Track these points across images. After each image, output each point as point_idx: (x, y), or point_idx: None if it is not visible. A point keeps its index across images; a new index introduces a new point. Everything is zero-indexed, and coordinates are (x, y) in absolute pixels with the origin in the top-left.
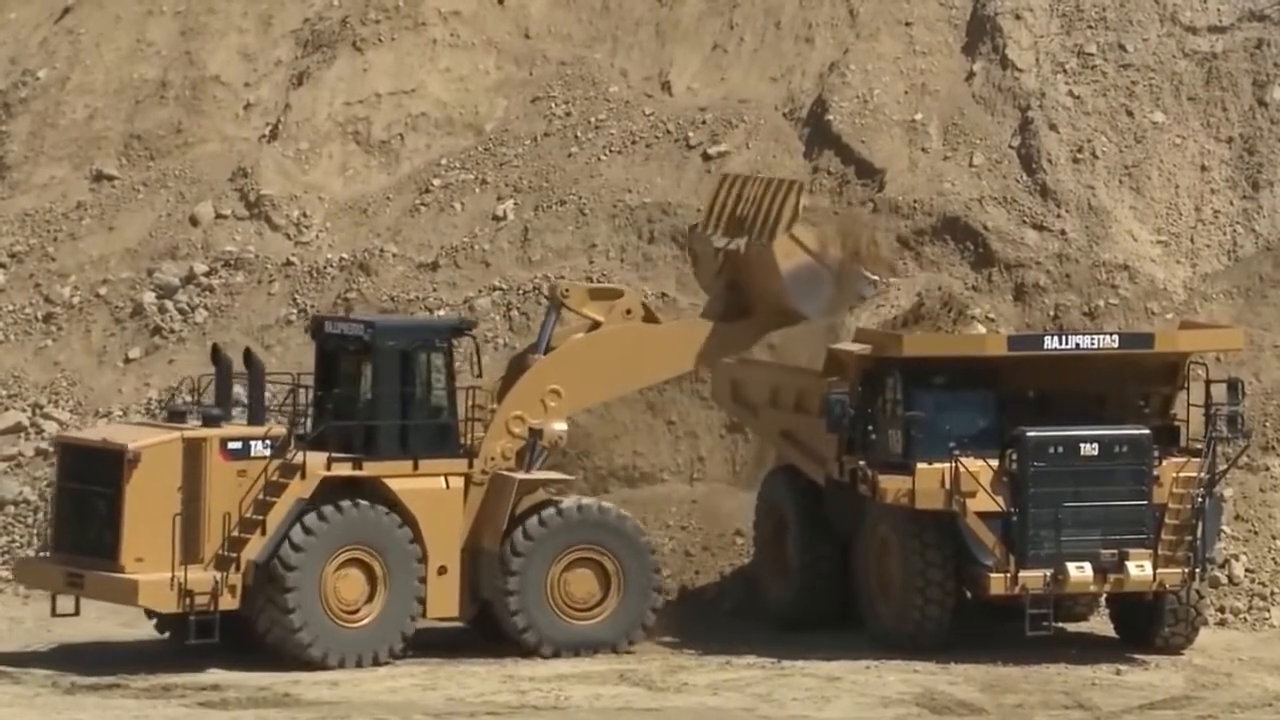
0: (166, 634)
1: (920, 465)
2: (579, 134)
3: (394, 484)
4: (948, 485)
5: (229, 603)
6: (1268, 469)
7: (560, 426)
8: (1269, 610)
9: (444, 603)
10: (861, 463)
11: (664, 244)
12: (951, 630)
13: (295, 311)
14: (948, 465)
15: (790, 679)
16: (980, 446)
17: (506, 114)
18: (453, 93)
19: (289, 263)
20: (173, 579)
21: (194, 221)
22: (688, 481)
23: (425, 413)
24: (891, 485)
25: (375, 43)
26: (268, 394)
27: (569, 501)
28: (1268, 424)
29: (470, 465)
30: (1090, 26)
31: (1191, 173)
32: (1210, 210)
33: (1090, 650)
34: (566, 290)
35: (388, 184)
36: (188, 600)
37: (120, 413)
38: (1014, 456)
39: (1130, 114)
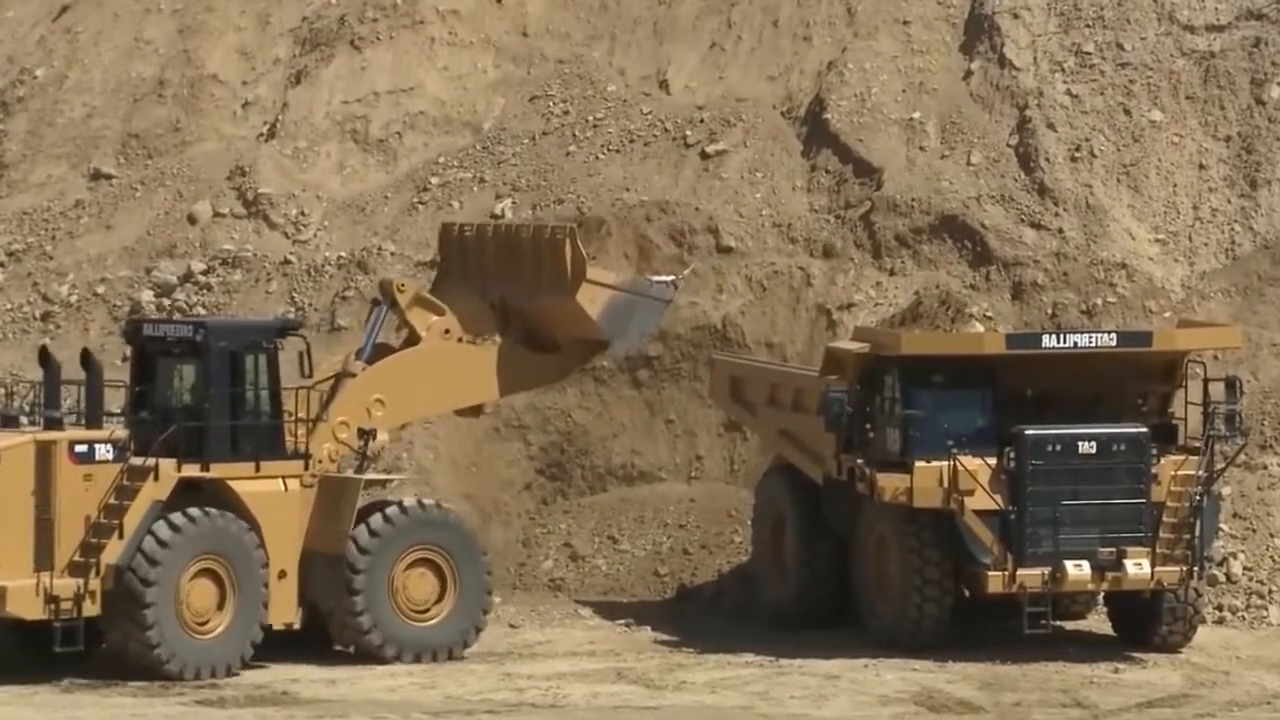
0: None
1: (918, 464)
2: (577, 133)
3: (238, 486)
4: (946, 484)
5: (90, 609)
6: (1265, 467)
7: (382, 436)
8: (1267, 608)
9: (284, 608)
10: (860, 461)
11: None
12: (949, 628)
13: (293, 310)
14: (946, 464)
15: (788, 677)
16: (978, 445)
17: (504, 112)
18: (451, 91)
19: (287, 261)
20: (38, 585)
21: (192, 220)
22: (686, 480)
23: (255, 414)
24: (890, 484)
25: (373, 41)
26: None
27: (409, 500)
28: (1265, 422)
29: (307, 468)
30: (1088, 25)
31: (1189, 171)
32: (1208, 209)
33: (1088, 648)
34: (402, 285)
35: (386, 182)
36: (52, 607)
37: (118, 411)
38: (1012, 455)
39: (1128, 113)
